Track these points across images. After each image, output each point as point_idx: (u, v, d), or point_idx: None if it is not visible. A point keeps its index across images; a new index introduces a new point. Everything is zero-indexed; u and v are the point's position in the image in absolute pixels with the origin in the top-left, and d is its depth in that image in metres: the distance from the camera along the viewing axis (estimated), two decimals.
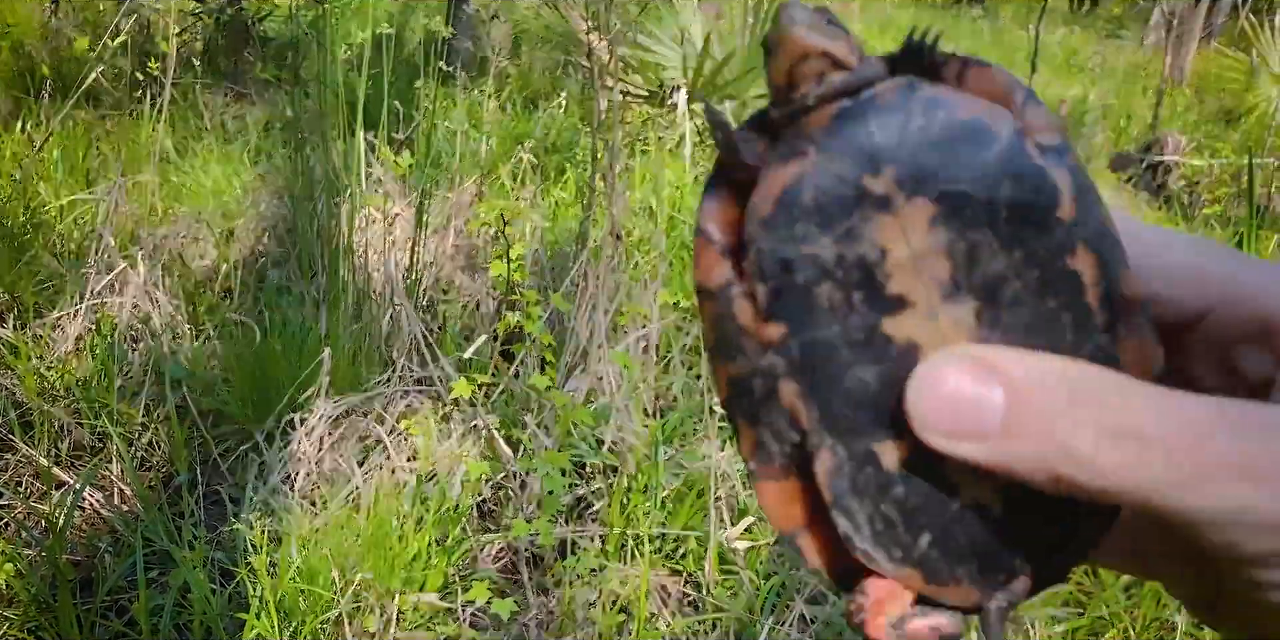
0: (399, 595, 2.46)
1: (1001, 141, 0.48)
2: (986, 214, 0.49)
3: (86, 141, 4.18)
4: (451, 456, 2.81)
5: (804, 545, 0.56)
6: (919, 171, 0.48)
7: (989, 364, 0.48)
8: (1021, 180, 0.49)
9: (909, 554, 0.50)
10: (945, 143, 0.48)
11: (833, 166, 0.51)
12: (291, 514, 2.64)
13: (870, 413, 0.50)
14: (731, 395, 0.57)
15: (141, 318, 3.36)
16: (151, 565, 2.58)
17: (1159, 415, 0.45)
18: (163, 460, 3.00)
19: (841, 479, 0.50)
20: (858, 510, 0.50)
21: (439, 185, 3.94)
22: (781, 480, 0.56)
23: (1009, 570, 0.50)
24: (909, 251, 0.49)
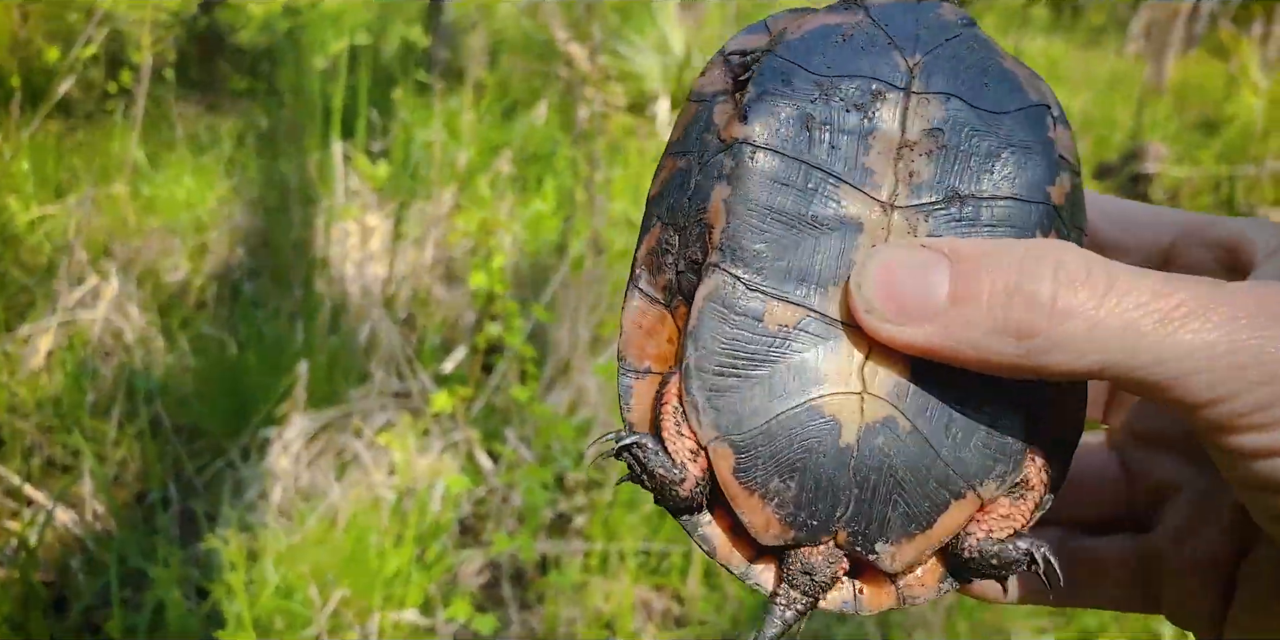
0: (379, 612, 2.42)
1: (1030, 100, 0.50)
2: (985, 140, 0.49)
3: (57, 153, 4.12)
4: (431, 471, 2.77)
5: (635, 362, 0.55)
6: (949, 76, 0.50)
7: (938, 247, 0.48)
8: (1028, 125, 0.50)
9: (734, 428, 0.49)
10: (979, 71, 0.50)
11: (877, 32, 0.51)
12: (268, 530, 2.59)
13: (782, 267, 0.49)
14: (663, 191, 0.54)
15: (113, 332, 3.31)
16: (126, 583, 2.53)
17: (1117, 271, 0.46)
18: (136, 477, 2.95)
19: (715, 321, 0.49)
20: (710, 355, 0.49)
21: (416, 196, 3.90)
22: (654, 305, 0.54)
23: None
24: (900, 137, 0.49)
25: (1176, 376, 0.44)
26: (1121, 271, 0.46)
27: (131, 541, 2.60)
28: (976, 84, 0.50)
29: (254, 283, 3.71)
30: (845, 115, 0.51)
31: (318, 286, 3.36)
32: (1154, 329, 0.44)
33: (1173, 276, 0.46)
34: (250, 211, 4.00)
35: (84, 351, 3.20)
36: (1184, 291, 0.44)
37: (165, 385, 3.12)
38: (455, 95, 4.85)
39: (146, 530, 2.71)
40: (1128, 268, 0.46)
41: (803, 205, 0.50)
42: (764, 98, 0.50)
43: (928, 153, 0.50)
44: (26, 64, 4.19)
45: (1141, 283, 0.45)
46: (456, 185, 4.09)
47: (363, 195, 3.77)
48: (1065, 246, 0.47)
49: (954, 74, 0.51)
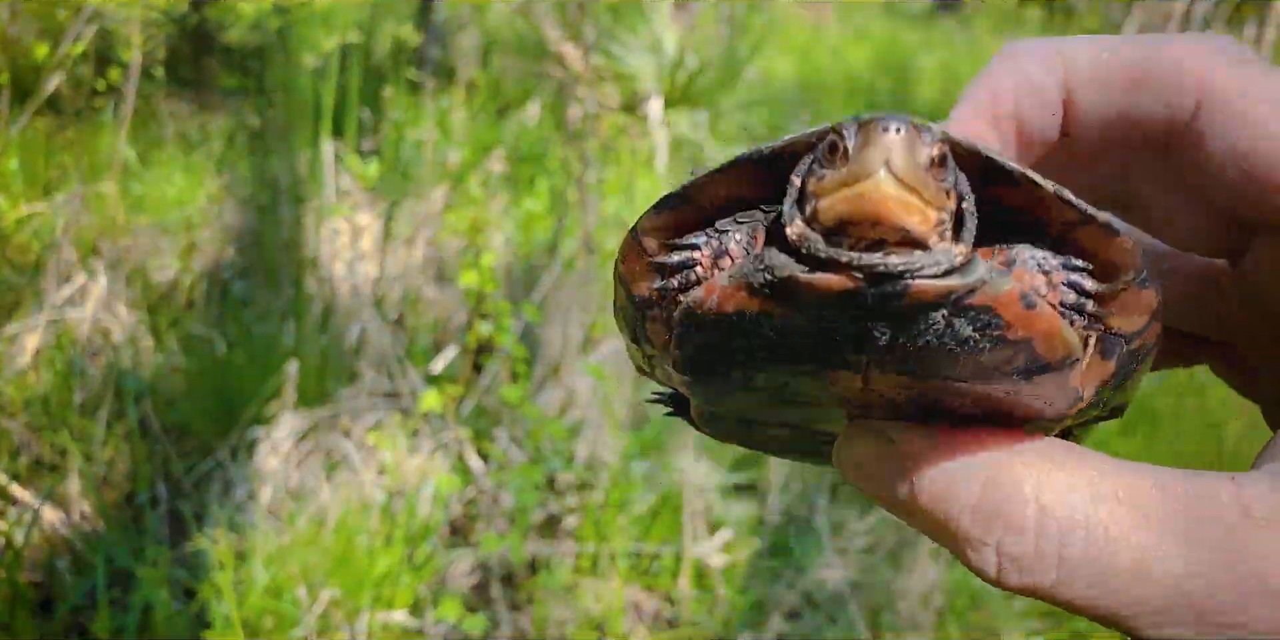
0: (368, 613, 2.40)
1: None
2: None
3: (46, 151, 4.09)
4: (421, 471, 2.75)
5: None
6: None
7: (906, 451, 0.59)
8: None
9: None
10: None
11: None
12: (257, 531, 2.58)
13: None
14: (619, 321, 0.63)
15: (102, 331, 3.29)
16: (113, 584, 2.51)
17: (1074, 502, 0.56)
18: (124, 476, 2.93)
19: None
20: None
21: (407, 195, 3.89)
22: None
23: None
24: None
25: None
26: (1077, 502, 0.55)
27: (119, 542, 2.59)
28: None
29: (244, 282, 3.69)
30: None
31: (308, 286, 3.34)
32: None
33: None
34: (240, 210, 3.98)
35: (72, 351, 3.18)
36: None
37: (154, 385, 3.10)
38: (447, 94, 4.84)
39: (134, 530, 2.69)
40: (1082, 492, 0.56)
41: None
42: (694, 382, 0.59)
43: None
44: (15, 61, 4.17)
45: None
46: (448, 184, 4.07)
47: (353, 194, 3.75)
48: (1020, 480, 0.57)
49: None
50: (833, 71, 7.65)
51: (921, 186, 0.54)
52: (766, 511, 2.84)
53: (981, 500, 0.56)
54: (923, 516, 0.58)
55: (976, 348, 0.56)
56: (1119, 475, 0.55)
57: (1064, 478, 0.56)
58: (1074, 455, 0.57)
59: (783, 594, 2.59)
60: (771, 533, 2.79)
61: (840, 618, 2.54)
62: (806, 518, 2.85)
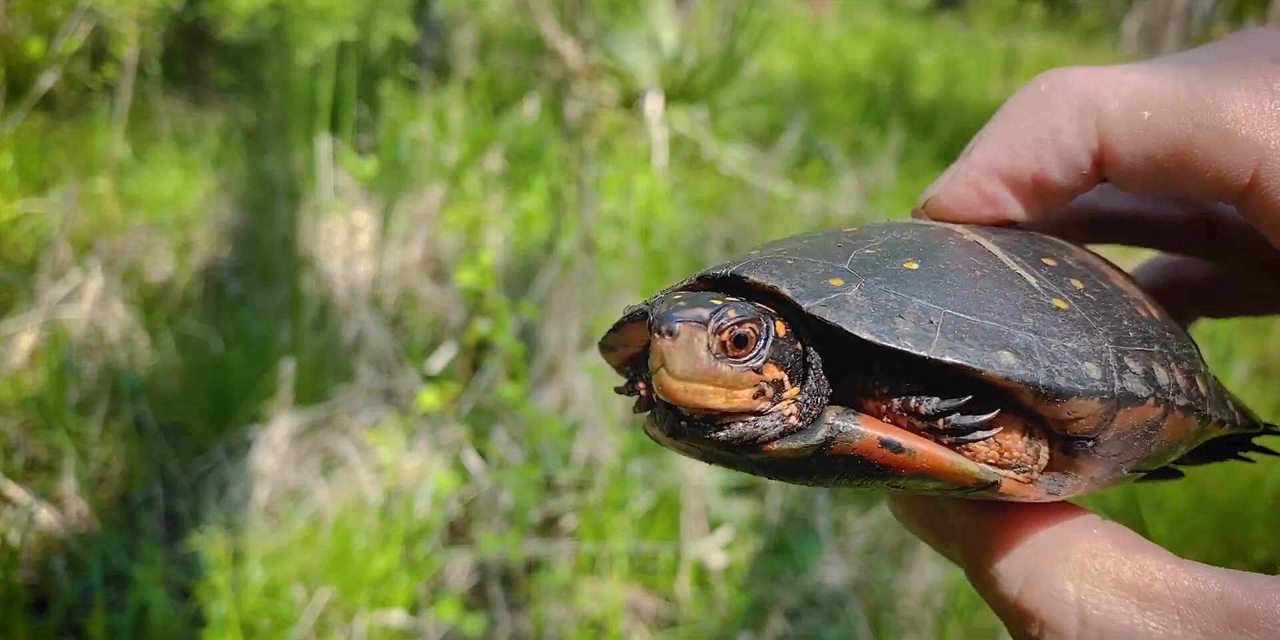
0: (366, 613, 2.39)
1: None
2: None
3: (41, 148, 4.07)
4: (419, 471, 2.74)
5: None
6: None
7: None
8: None
9: None
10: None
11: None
12: (254, 530, 2.56)
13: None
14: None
15: (97, 329, 3.27)
16: (109, 584, 2.49)
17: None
18: (120, 476, 2.91)
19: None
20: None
21: (404, 193, 3.87)
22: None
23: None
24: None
25: None
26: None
27: (115, 541, 2.57)
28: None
29: (240, 280, 3.67)
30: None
31: (304, 284, 3.32)
32: None
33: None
34: (236, 208, 3.96)
35: (67, 349, 3.16)
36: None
37: (149, 383, 3.08)
38: (445, 91, 4.82)
39: (130, 530, 2.67)
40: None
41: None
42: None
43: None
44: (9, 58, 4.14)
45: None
46: (446, 182, 4.06)
47: (350, 192, 3.73)
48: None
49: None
50: (832, 69, 7.63)
51: (709, 378, 0.60)
52: (767, 511, 2.83)
53: (1023, 597, 0.57)
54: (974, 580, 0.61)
55: (885, 476, 0.60)
56: (1174, 579, 0.54)
57: (1109, 580, 0.55)
58: (1122, 550, 0.56)
59: (783, 593, 2.58)
60: (772, 532, 2.77)
61: (841, 617, 2.52)
62: (807, 517, 2.83)
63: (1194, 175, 0.58)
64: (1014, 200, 0.66)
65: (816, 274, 0.63)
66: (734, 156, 5.22)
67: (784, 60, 7.69)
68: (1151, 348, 0.63)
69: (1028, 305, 0.62)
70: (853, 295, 0.60)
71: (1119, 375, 0.60)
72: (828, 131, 5.94)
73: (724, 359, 0.59)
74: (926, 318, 0.59)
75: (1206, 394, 0.66)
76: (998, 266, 0.64)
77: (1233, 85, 0.57)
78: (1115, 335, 0.62)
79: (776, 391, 0.61)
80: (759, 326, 0.60)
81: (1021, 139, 0.63)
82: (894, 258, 0.64)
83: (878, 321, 0.58)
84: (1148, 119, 0.58)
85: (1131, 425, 0.61)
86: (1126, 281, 0.71)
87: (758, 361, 0.60)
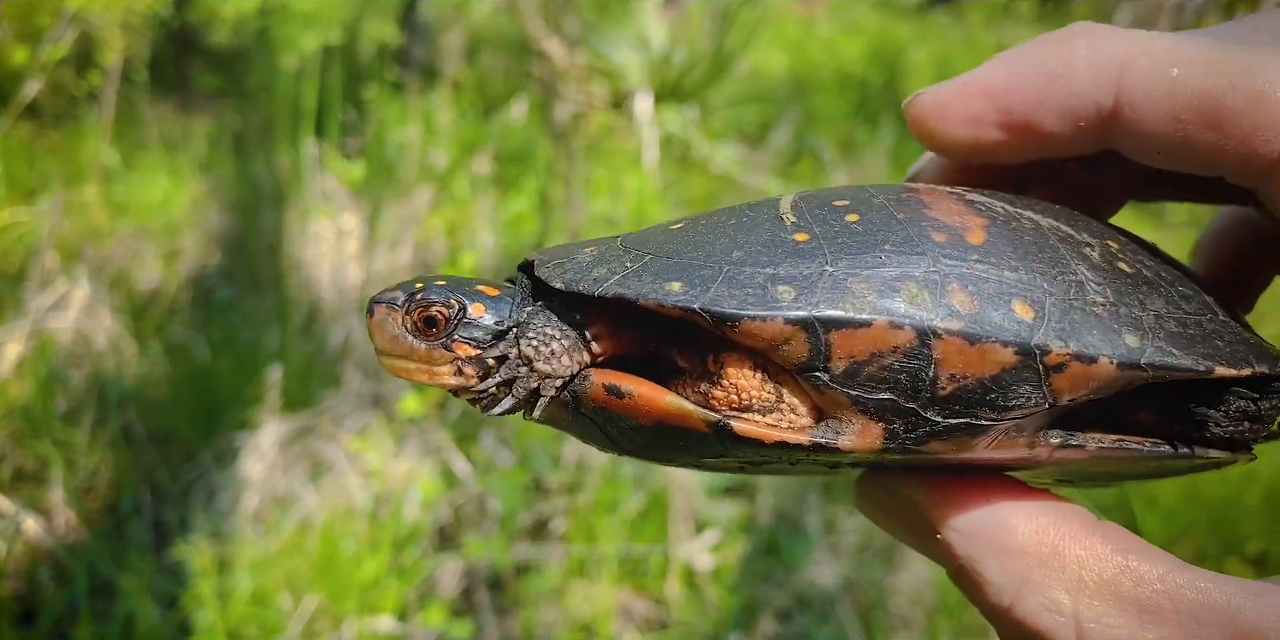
0: (353, 620, 2.38)
1: None
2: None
3: (27, 156, 4.06)
4: (407, 476, 2.72)
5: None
6: None
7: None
8: None
9: None
10: None
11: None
12: (242, 538, 2.55)
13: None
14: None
15: (84, 338, 3.26)
16: (96, 594, 2.48)
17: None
18: (107, 485, 2.90)
19: None
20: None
21: (392, 196, 3.86)
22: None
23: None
24: None
25: None
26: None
27: (102, 551, 2.56)
28: None
29: (227, 286, 3.66)
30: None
31: (292, 289, 3.31)
32: None
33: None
34: (224, 213, 3.95)
35: (54, 358, 3.15)
36: None
37: (137, 391, 3.07)
38: (433, 94, 4.80)
39: (118, 539, 2.66)
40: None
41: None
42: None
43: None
44: None
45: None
46: (434, 185, 4.04)
47: (338, 196, 3.72)
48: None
49: None
50: (824, 66, 7.62)
51: (407, 353, 0.67)
52: (757, 511, 2.81)
53: (1015, 608, 0.54)
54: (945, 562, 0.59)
55: (627, 422, 0.63)
56: (1176, 591, 0.51)
57: (1107, 592, 0.52)
58: (1121, 557, 0.53)
59: (774, 594, 2.56)
60: (762, 532, 2.76)
61: (832, 617, 2.51)
62: (797, 517, 2.82)
63: (1222, 138, 0.54)
64: (994, 129, 0.61)
65: (579, 246, 0.69)
66: (725, 155, 5.21)
67: (775, 58, 7.67)
68: (931, 271, 0.56)
69: (755, 243, 0.59)
70: (584, 255, 0.65)
71: (824, 296, 0.55)
72: (819, 129, 5.93)
73: (420, 337, 0.66)
74: (623, 265, 0.61)
75: (1054, 322, 0.56)
76: (764, 213, 0.63)
77: (1270, 52, 0.53)
78: (853, 260, 0.57)
79: (481, 369, 0.67)
80: (448, 309, 0.66)
81: (1031, 69, 0.59)
82: (668, 226, 0.67)
83: (577, 272, 0.63)
84: (1176, 76, 0.54)
85: (869, 351, 0.55)
86: (1043, 225, 0.62)
87: (446, 339, 0.66)
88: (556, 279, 0.63)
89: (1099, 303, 0.58)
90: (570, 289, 0.62)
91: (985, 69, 0.61)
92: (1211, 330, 0.60)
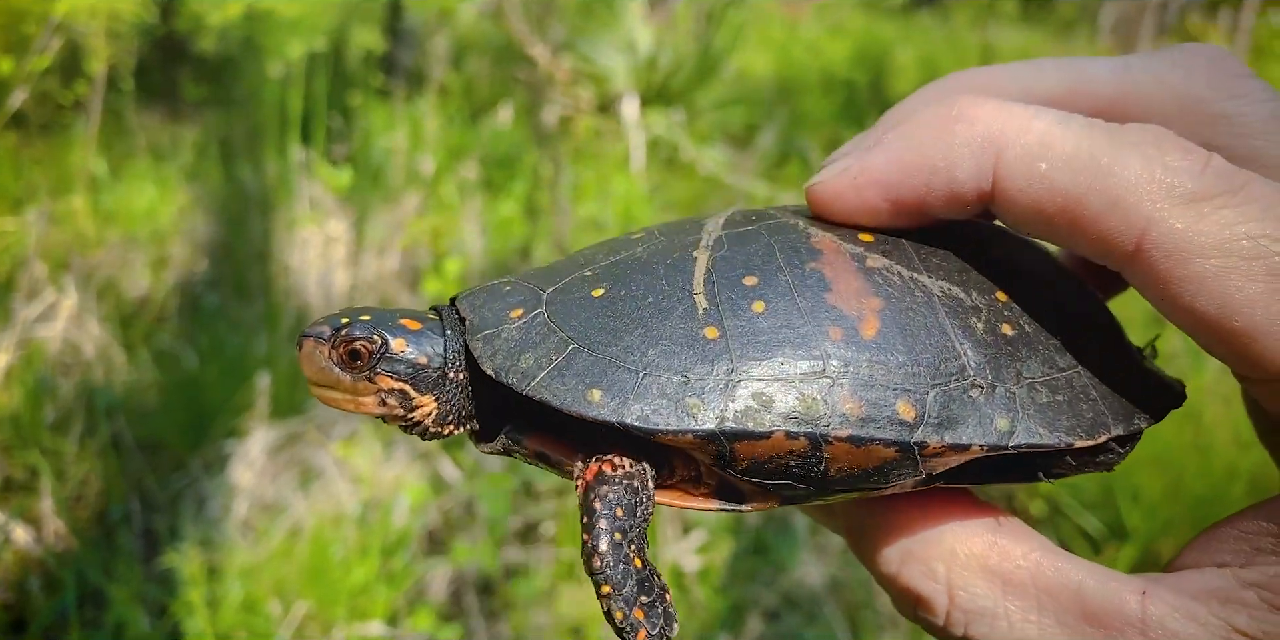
0: (343, 625, 2.39)
1: None
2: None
3: (14, 166, 4.07)
4: (396, 482, 2.73)
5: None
6: None
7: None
8: None
9: None
10: None
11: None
12: (232, 545, 2.56)
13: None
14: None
15: (72, 347, 3.26)
16: (86, 602, 2.49)
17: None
18: (97, 494, 2.90)
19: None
20: None
21: (380, 202, 3.87)
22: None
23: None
24: None
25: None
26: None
27: (92, 560, 2.57)
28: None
29: (216, 293, 3.67)
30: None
31: (279, 296, 3.32)
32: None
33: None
34: (211, 221, 3.96)
35: (42, 368, 3.16)
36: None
37: (126, 400, 3.08)
38: (421, 100, 4.81)
39: (107, 548, 2.67)
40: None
41: None
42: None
43: None
44: None
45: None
46: (422, 191, 4.05)
47: (325, 203, 3.73)
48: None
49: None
50: (810, 67, 7.64)
51: (333, 384, 0.70)
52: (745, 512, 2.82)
53: (900, 573, 0.62)
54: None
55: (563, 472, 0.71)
56: (1038, 568, 0.59)
57: (976, 564, 0.60)
58: (992, 535, 0.61)
59: (761, 594, 2.58)
60: (750, 533, 2.77)
61: (819, 617, 2.53)
62: (785, 517, 2.83)
63: (1081, 234, 0.58)
64: (885, 212, 0.67)
65: (507, 305, 0.70)
66: (712, 158, 5.22)
67: (761, 60, 7.70)
68: (824, 378, 0.61)
69: (668, 338, 0.63)
70: (512, 329, 0.67)
71: (729, 407, 0.60)
72: (806, 131, 5.95)
73: (345, 369, 0.70)
74: (550, 353, 0.65)
75: (933, 418, 0.62)
76: (679, 290, 0.65)
77: (1130, 151, 0.57)
78: (757, 363, 0.62)
79: (404, 400, 0.71)
80: (371, 344, 0.69)
81: (918, 161, 0.63)
82: (591, 283, 0.69)
83: (506, 357, 0.66)
84: (1043, 172, 0.58)
85: (769, 454, 0.61)
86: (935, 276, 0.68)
87: (369, 372, 0.70)
88: (486, 362, 0.66)
89: (977, 386, 0.63)
90: (500, 379, 0.65)
91: (874, 158, 0.65)
92: (1080, 388, 0.65)
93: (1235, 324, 0.53)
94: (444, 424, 0.73)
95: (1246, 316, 0.53)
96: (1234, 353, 0.55)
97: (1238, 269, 0.53)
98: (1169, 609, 0.55)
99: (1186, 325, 0.57)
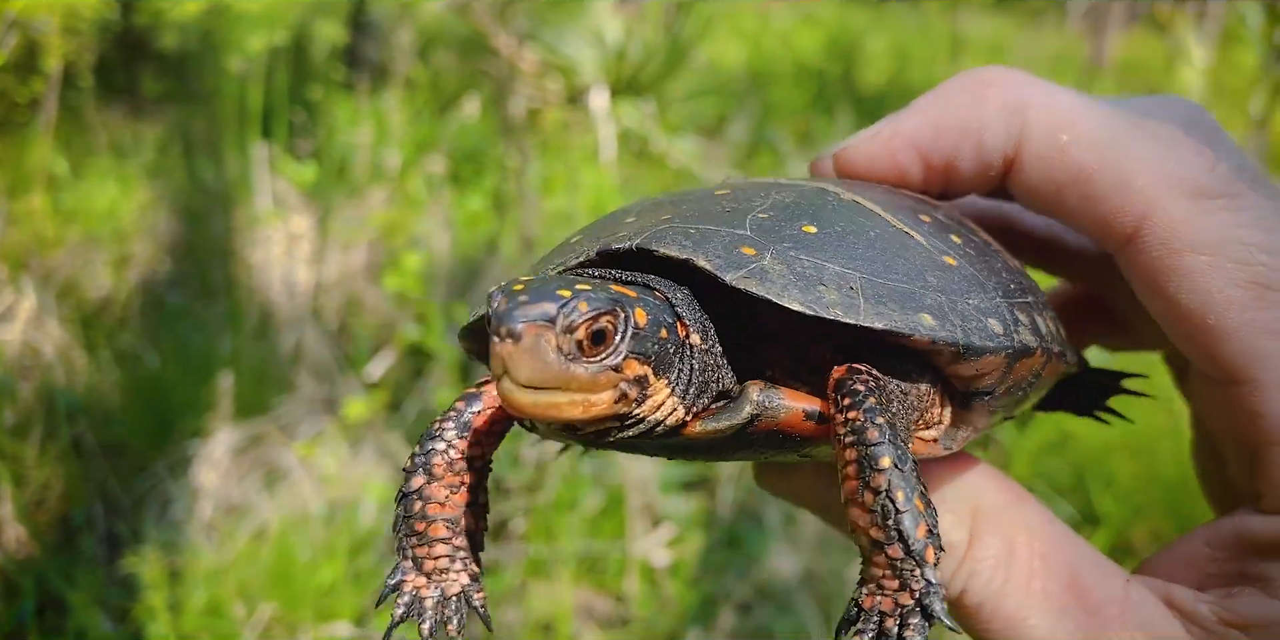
0: (310, 627, 2.35)
1: None
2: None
3: None
4: (362, 481, 2.70)
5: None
6: None
7: None
8: None
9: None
10: None
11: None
12: (195, 548, 2.52)
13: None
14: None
15: (32, 349, 3.20)
16: (46, 609, 2.44)
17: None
18: (59, 498, 2.85)
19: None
20: None
21: (345, 197, 3.82)
22: None
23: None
24: None
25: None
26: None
27: (52, 566, 2.52)
28: None
29: (179, 292, 3.61)
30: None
31: (243, 294, 3.27)
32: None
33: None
34: (173, 219, 3.90)
35: (0, 370, 3.10)
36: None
37: (87, 402, 3.03)
38: (387, 93, 4.76)
39: (69, 553, 2.62)
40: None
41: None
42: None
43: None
44: None
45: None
46: (388, 186, 4.01)
47: (289, 199, 3.68)
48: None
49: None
50: (782, 58, 7.62)
51: (561, 384, 0.51)
52: (718, 505, 2.81)
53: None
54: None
55: (803, 446, 0.61)
56: (1040, 540, 0.64)
57: (995, 524, 0.64)
58: (1016, 507, 0.66)
59: (734, 586, 2.56)
60: (722, 526, 2.76)
61: (792, 608, 2.51)
62: (757, 510, 2.82)
63: (1087, 208, 0.61)
64: (919, 175, 0.69)
65: (726, 243, 0.58)
66: (683, 149, 5.19)
67: (732, 50, 7.67)
68: (1027, 298, 0.65)
69: (926, 265, 0.61)
70: (769, 264, 0.57)
71: (1015, 328, 0.61)
72: (777, 120, 5.93)
73: (579, 360, 0.51)
74: (846, 284, 0.58)
75: (1064, 337, 0.69)
76: (885, 226, 0.64)
77: (1147, 139, 0.60)
78: (1001, 289, 0.63)
79: (641, 390, 0.54)
80: (616, 317, 0.52)
81: (950, 122, 0.66)
82: (790, 221, 0.62)
83: (803, 291, 0.56)
84: (1064, 142, 0.61)
85: (1022, 375, 0.64)
86: (985, 232, 0.73)
87: (617, 358, 0.53)
88: (790, 299, 0.55)
89: (1028, 304, 0.69)
90: (816, 314, 0.55)
91: (907, 120, 0.68)
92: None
93: (1210, 321, 0.56)
94: (672, 411, 0.57)
95: (1221, 316, 0.56)
96: (1201, 349, 0.57)
97: (1224, 270, 0.56)
98: (1149, 603, 0.60)
99: (1164, 315, 0.60)
